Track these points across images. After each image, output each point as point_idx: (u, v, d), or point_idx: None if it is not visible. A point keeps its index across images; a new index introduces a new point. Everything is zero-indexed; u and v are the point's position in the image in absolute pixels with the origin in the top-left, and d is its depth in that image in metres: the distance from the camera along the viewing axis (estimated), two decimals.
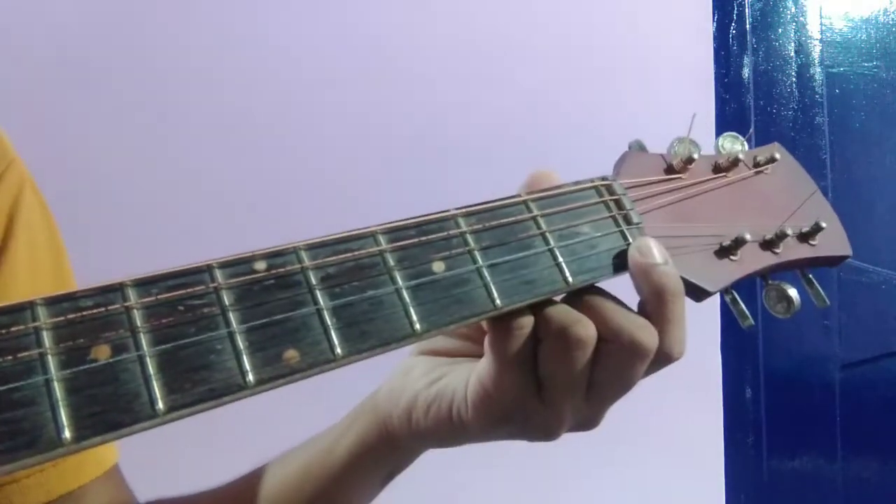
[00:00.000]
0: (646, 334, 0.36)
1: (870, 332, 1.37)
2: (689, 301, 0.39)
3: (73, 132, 1.08)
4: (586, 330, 0.36)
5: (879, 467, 1.36)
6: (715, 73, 1.40)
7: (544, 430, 0.39)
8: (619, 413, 0.41)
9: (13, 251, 0.51)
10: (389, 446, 0.43)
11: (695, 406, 1.29)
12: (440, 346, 0.44)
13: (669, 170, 0.43)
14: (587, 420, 0.40)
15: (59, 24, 1.10)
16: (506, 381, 0.37)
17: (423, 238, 0.35)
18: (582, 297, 0.38)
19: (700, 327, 1.36)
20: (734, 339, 1.34)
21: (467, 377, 0.39)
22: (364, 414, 0.45)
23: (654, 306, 0.37)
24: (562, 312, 0.36)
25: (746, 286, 0.44)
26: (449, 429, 0.40)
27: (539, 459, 1.09)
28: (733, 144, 0.46)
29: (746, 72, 1.41)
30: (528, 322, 0.36)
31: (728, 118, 1.38)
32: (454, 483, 0.99)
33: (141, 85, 1.11)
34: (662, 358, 0.38)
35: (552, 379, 0.37)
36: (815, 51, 1.43)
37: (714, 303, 1.30)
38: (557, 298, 0.38)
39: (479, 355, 0.40)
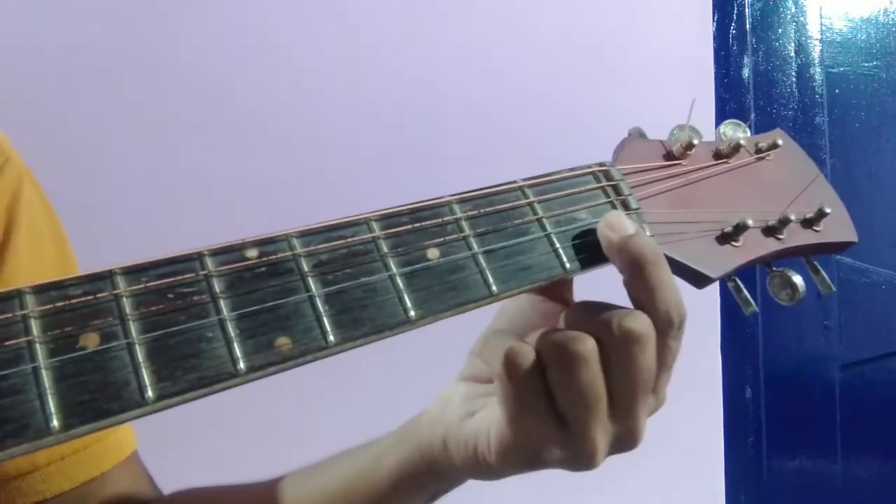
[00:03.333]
0: (635, 321, 0.35)
1: (870, 332, 1.37)
2: (688, 301, 0.39)
3: (72, 128, 1.08)
4: (584, 344, 0.35)
5: (879, 467, 1.35)
6: (715, 73, 1.39)
7: (581, 461, 0.37)
8: None
9: (16, 245, 0.51)
10: (431, 473, 0.43)
11: (695, 406, 1.29)
12: (480, 370, 0.43)
13: (669, 156, 0.43)
14: (625, 436, 0.38)
15: (58, 23, 1.10)
16: (524, 424, 0.36)
17: (417, 224, 0.34)
18: (567, 314, 0.37)
19: (700, 327, 1.37)
20: (734, 339, 1.34)
21: (491, 421, 0.38)
22: (407, 439, 0.44)
23: (638, 278, 0.36)
24: (555, 335, 0.35)
25: (747, 280, 0.44)
26: (480, 470, 0.40)
27: None
28: (735, 131, 0.45)
29: (746, 72, 1.41)
30: (527, 355, 0.35)
31: (728, 118, 1.38)
32: None
33: (140, 82, 1.11)
34: (666, 327, 0.37)
35: (570, 406, 0.36)
36: (815, 51, 1.43)
37: (714, 303, 1.30)
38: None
39: None
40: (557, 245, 0.37)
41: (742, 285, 0.41)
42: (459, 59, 1.22)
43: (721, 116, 1.39)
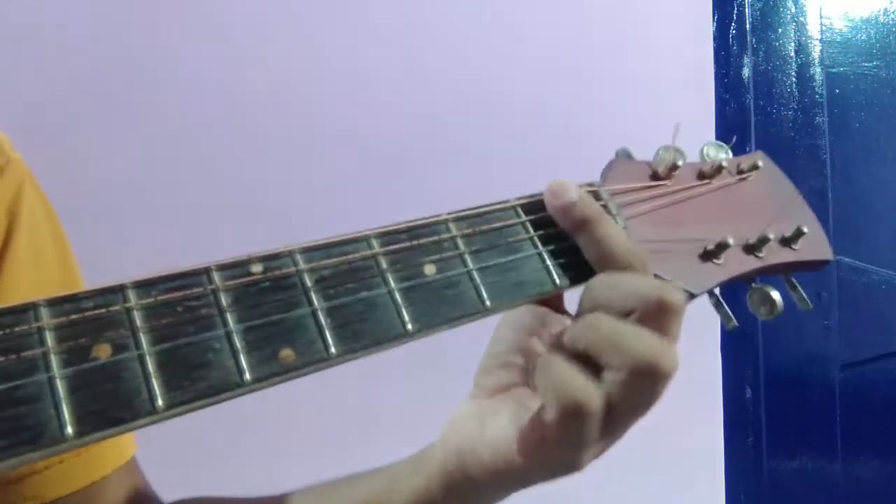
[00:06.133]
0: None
1: (870, 332, 1.37)
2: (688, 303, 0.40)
3: (74, 130, 1.09)
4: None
5: (879, 467, 1.35)
6: (715, 73, 1.40)
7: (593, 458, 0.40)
8: None
9: (16, 246, 0.51)
10: (447, 497, 0.42)
11: (695, 406, 1.30)
12: (487, 382, 0.43)
13: (655, 176, 0.44)
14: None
15: (59, 23, 1.11)
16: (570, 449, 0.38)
17: (415, 242, 0.36)
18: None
19: (700, 328, 1.36)
20: (734, 339, 1.34)
21: (509, 428, 0.39)
22: (422, 464, 0.44)
23: (584, 236, 0.39)
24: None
25: (735, 293, 0.45)
26: (499, 477, 0.40)
27: None
28: (718, 152, 0.47)
29: (746, 72, 1.41)
30: (595, 407, 0.35)
31: (728, 118, 1.38)
32: None
33: (143, 85, 1.12)
34: (624, 265, 0.38)
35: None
36: (815, 51, 1.43)
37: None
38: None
39: (518, 383, 0.41)
40: (548, 262, 0.38)
41: (723, 301, 0.43)
42: (456, 64, 1.23)
43: (721, 117, 1.39)
